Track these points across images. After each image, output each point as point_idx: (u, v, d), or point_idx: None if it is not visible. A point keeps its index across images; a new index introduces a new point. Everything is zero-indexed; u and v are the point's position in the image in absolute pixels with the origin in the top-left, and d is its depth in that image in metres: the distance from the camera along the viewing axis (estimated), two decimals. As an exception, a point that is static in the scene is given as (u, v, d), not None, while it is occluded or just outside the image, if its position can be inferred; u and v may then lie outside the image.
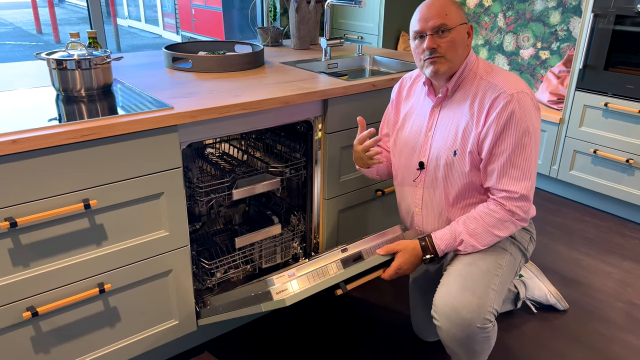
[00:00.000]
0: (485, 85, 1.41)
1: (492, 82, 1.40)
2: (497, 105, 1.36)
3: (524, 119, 1.35)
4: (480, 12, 3.64)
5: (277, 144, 2.03)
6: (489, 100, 1.38)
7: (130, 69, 1.93)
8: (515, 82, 1.39)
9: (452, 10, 1.39)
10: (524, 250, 1.55)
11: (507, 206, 1.40)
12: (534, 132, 1.38)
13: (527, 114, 1.36)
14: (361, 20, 3.86)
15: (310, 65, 2.19)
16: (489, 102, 1.38)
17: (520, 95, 1.36)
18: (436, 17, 1.38)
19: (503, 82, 1.39)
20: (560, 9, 3.20)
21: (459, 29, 1.40)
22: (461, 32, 1.41)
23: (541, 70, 3.39)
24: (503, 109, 1.35)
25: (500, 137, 1.37)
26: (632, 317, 2.03)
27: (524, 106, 1.36)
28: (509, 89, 1.37)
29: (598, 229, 2.72)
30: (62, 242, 1.35)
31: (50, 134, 1.24)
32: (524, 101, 1.36)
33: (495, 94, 1.38)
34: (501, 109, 1.35)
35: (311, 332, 1.91)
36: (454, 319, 1.35)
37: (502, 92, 1.37)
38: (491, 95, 1.38)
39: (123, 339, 1.57)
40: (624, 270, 2.35)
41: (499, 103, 1.36)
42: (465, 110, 1.44)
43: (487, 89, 1.40)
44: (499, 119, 1.36)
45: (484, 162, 1.41)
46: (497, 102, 1.37)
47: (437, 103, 1.51)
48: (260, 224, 2.00)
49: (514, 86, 1.38)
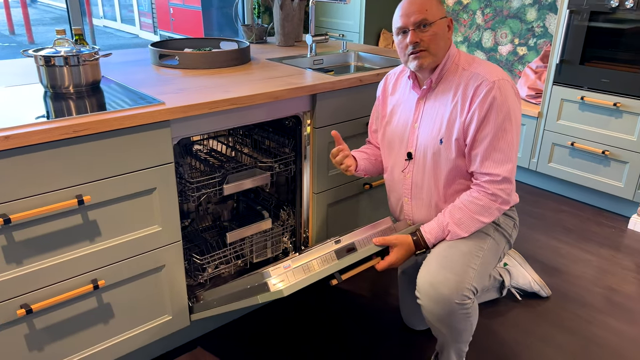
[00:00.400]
0: (467, 75, 1.47)
1: (474, 72, 1.46)
2: (479, 92, 1.42)
3: (505, 104, 1.41)
4: (459, 10, 3.71)
5: (266, 140, 2.04)
6: (472, 89, 1.44)
7: (116, 66, 1.93)
8: (496, 71, 1.46)
9: (432, 5, 1.45)
10: (507, 237, 1.61)
11: (490, 190, 1.45)
12: (515, 117, 1.44)
13: (508, 100, 1.42)
14: (342, 18, 3.89)
15: (296, 61, 2.21)
16: (472, 90, 1.44)
17: (502, 82, 1.42)
18: (417, 12, 1.44)
19: (484, 70, 1.45)
20: (537, 6, 3.29)
21: (439, 23, 1.46)
22: (442, 26, 1.47)
23: (519, 66, 3.47)
24: (486, 95, 1.41)
25: (483, 122, 1.42)
26: (611, 301, 2.11)
27: (505, 92, 1.42)
28: (490, 77, 1.43)
29: (576, 218, 2.80)
30: (55, 238, 1.35)
31: (43, 129, 1.24)
32: (504, 88, 1.42)
33: (478, 82, 1.44)
34: (484, 96, 1.41)
35: (302, 325, 1.94)
36: (433, 296, 1.40)
37: (484, 79, 1.43)
38: (474, 83, 1.44)
39: (117, 335, 1.57)
40: (601, 258, 2.43)
41: (481, 90, 1.42)
42: (449, 100, 1.49)
43: (470, 78, 1.46)
44: (482, 105, 1.42)
45: (468, 147, 1.47)
46: (479, 89, 1.43)
47: (422, 95, 1.56)
48: (250, 219, 2.02)
49: (495, 74, 1.44)
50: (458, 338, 1.51)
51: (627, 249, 2.51)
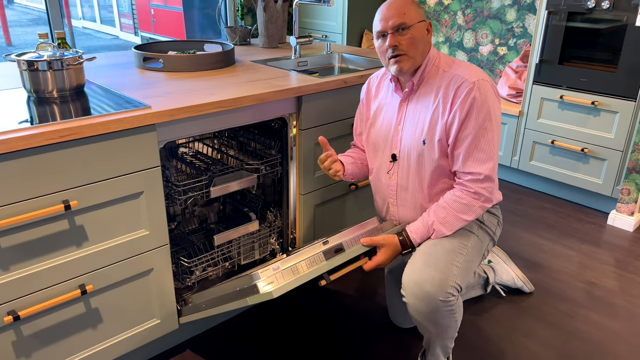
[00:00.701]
0: (448, 77, 1.50)
1: (454, 73, 1.49)
2: (460, 93, 1.45)
3: (485, 104, 1.45)
4: (440, 10, 3.75)
5: (251, 142, 2.05)
6: (452, 90, 1.47)
7: (100, 70, 1.92)
8: (476, 71, 1.49)
9: (410, 9, 1.48)
10: (491, 234, 1.64)
11: (472, 188, 1.48)
12: (495, 116, 1.48)
13: (488, 100, 1.45)
14: (325, 19, 3.91)
15: (281, 63, 2.22)
16: (452, 91, 1.47)
17: (481, 82, 1.46)
18: (396, 16, 1.47)
19: (464, 72, 1.48)
20: (516, 7, 3.34)
21: (417, 27, 1.49)
22: (420, 29, 1.50)
23: (500, 66, 3.52)
24: (466, 96, 1.44)
25: (464, 123, 1.46)
26: (592, 295, 2.16)
27: (485, 93, 1.45)
28: (470, 78, 1.46)
29: (557, 215, 2.86)
30: (42, 244, 1.34)
31: (28, 135, 1.23)
32: (484, 88, 1.46)
33: (458, 83, 1.47)
34: (465, 96, 1.44)
35: (290, 325, 1.95)
36: (418, 294, 1.43)
37: (464, 80, 1.46)
38: (455, 84, 1.47)
39: (105, 340, 1.56)
40: (582, 253, 2.48)
41: (462, 91, 1.45)
42: (431, 102, 1.52)
43: (450, 79, 1.49)
44: (463, 106, 1.45)
45: (451, 147, 1.50)
46: (460, 90, 1.46)
47: (404, 98, 1.58)
48: (237, 221, 2.02)
49: (475, 75, 1.47)
50: (443, 334, 1.54)
51: (607, 244, 2.57)
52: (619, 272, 2.33)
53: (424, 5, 3.83)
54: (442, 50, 3.81)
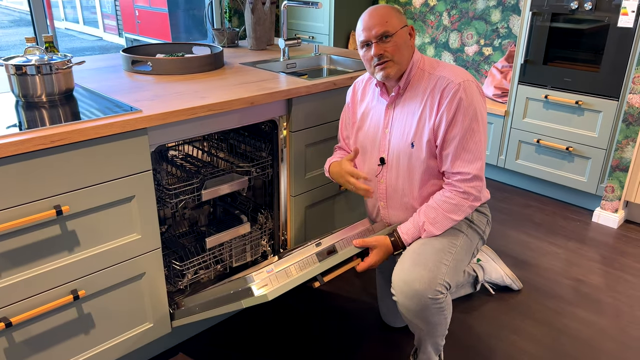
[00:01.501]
0: (434, 79, 1.52)
1: (439, 75, 1.52)
2: (446, 94, 1.48)
3: (471, 105, 1.47)
4: (425, 11, 3.78)
5: (242, 144, 2.05)
6: (438, 92, 1.49)
7: (88, 73, 1.90)
8: (461, 73, 1.51)
9: (391, 16, 1.50)
10: (480, 233, 1.66)
11: (461, 188, 1.51)
12: (481, 116, 1.50)
13: (474, 100, 1.48)
14: (312, 20, 3.92)
15: (270, 65, 2.23)
16: (439, 93, 1.49)
17: (466, 83, 1.48)
18: (378, 25, 1.48)
19: (449, 73, 1.51)
20: (500, 8, 3.39)
21: (400, 33, 1.50)
22: (403, 35, 1.51)
23: (485, 66, 3.57)
24: (452, 97, 1.47)
25: (451, 124, 1.48)
26: (579, 292, 2.20)
27: (470, 93, 1.47)
28: (455, 79, 1.48)
29: (543, 213, 2.91)
30: (34, 250, 1.33)
31: (18, 140, 1.22)
32: (470, 88, 1.48)
33: (444, 84, 1.49)
34: (451, 98, 1.47)
35: (282, 327, 1.96)
36: (407, 292, 1.45)
37: (450, 82, 1.48)
38: (440, 86, 1.49)
39: (98, 345, 1.56)
40: (568, 250, 2.53)
41: (448, 92, 1.47)
42: (418, 105, 1.54)
43: (436, 81, 1.51)
44: (449, 107, 1.47)
45: (439, 147, 1.52)
46: (446, 91, 1.48)
47: (391, 102, 1.60)
48: (228, 224, 2.02)
49: (460, 76, 1.49)
50: (434, 332, 1.56)
51: (592, 242, 2.61)
52: (604, 268, 2.38)
53: (409, 6, 3.86)
54: (428, 51, 3.85)
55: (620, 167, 2.67)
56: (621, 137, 2.63)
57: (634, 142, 2.60)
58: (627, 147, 2.63)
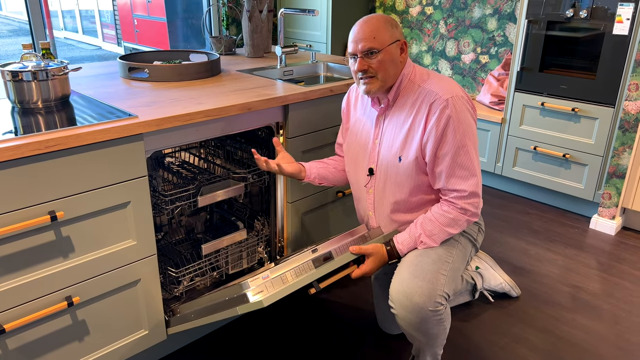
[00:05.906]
0: (422, 93, 1.50)
1: (427, 89, 1.49)
2: (434, 111, 1.45)
3: (461, 122, 1.45)
4: (422, 20, 3.80)
5: (238, 150, 2.05)
6: (426, 107, 1.47)
7: (85, 80, 1.91)
8: (449, 86, 1.48)
9: (381, 32, 1.46)
10: (473, 241, 1.66)
11: (459, 205, 1.50)
12: (472, 132, 1.48)
13: (463, 117, 1.45)
14: (310, 28, 3.94)
15: (267, 72, 2.23)
16: (426, 108, 1.47)
17: (455, 99, 1.45)
18: (365, 40, 1.46)
19: (437, 87, 1.48)
20: (497, 16, 3.41)
21: (388, 49, 1.47)
22: (391, 52, 1.48)
23: (482, 74, 3.58)
24: (440, 114, 1.44)
25: (441, 141, 1.46)
26: (577, 298, 2.19)
27: (459, 110, 1.45)
28: (444, 94, 1.45)
29: (541, 220, 2.90)
30: (28, 256, 1.32)
31: (14, 145, 1.22)
32: (458, 105, 1.45)
33: (432, 100, 1.47)
34: (439, 115, 1.44)
35: (279, 333, 1.94)
36: (407, 305, 1.44)
37: (437, 97, 1.46)
38: (428, 101, 1.47)
39: (93, 353, 1.54)
40: (566, 257, 2.52)
41: (436, 108, 1.45)
42: (406, 118, 1.53)
43: (425, 95, 1.49)
44: (437, 124, 1.45)
45: (430, 165, 1.50)
46: (434, 107, 1.46)
47: (381, 112, 1.60)
48: (224, 230, 2.01)
49: (449, 91, 1.46)
50: (433, 342, 1.55)
51: (590, 248, 2.61)
52: (602, 275, 2.37)
53: (406, 15, 3.88)
54: (425, 59, 3.86)
55: (617, 173, 2.67)
56: (617, 144, 2.64)
57: (630, 149, 2.61)
58: (623, 153, 2.63)
